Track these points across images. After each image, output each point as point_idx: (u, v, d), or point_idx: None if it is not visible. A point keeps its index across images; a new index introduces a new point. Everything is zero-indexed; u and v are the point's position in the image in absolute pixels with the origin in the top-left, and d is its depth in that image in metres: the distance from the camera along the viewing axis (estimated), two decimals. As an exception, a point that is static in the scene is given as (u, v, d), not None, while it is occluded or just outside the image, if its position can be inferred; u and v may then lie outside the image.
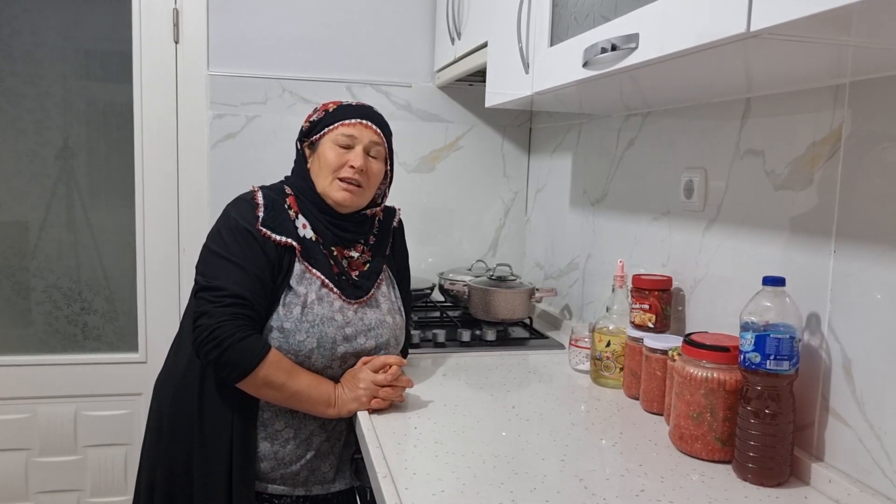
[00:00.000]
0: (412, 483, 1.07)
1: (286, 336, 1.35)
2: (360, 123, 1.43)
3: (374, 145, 1.44)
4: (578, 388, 1.58)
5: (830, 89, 1.13)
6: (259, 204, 1.40)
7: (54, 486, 2.32)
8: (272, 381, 1.31)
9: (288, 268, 1.38)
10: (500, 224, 2.54)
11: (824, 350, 1.13)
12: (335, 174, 1.41)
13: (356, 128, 1.43)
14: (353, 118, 1.43)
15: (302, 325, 1.36)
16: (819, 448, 1.14)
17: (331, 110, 1.45)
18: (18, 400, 2.27)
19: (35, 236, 2.27)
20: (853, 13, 0.71)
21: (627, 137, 1.80)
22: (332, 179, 1.41)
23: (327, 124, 1.43)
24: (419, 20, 2.40)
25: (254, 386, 1.32)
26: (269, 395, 1.34)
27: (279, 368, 1.32)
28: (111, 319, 2.35)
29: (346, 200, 1.42)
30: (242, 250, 1.35)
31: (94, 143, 2.28)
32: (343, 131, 1.42)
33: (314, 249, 1.42)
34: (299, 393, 1.33)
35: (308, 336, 1.36)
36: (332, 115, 1.44)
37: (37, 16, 2.19)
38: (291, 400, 1.35)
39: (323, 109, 1.46)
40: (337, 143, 1.42)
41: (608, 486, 1.07)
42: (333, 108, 1.45)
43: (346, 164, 1.41)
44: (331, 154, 1.41)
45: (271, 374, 1.31)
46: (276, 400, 1.35)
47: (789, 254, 1.21)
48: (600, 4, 1.20)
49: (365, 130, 1.43)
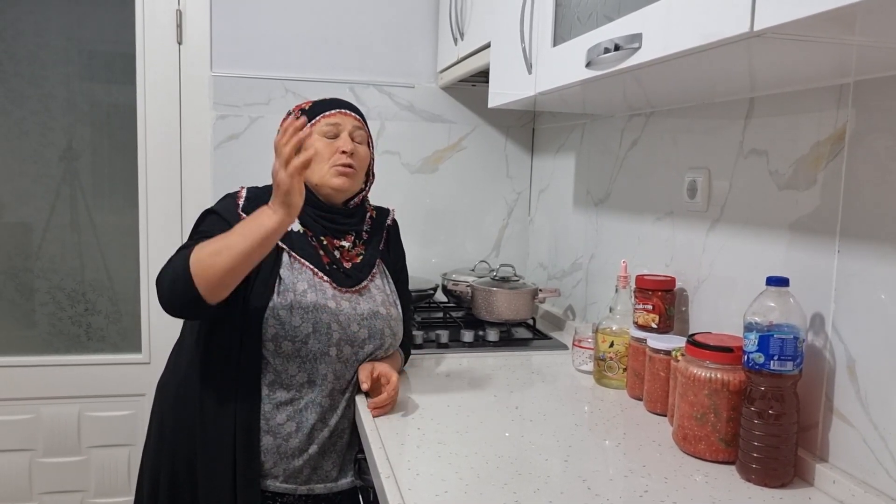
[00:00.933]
0: (415, 483, 1.07)
1: (282, 322, 1.36)
2: (339, 112, 1.49)
3: (356, 129, 1.49)
4: (582, 388, 1.58)
5: (834, 89, 1.13)
6: (242, 196, 1.46)
7: (58, 486, 2.33)
8: (212, 249, 1.21)
9: (275, 259, 1.40)
10: (503, 224, 2.54)
11: (828, 350, 1.13)
12: (328, 163, 1.45)
13: (337, 116, 1.48)
14: (332, 109, 1.48)
15: (297, 311, 1.37)
16: (823, 449, 1.13)
17: (307, 108, 1.50)
18: (22, 401, 2.27)
19: (39, 237, 2.28)
20: (857, 12, 0.70)
21: (631, 137, 1.79)
22: (329, 168, 1.45)
23: (309, 120, 1.47)
24: (422, 21, 2.40)
25: (204, 277, 1.21)
26: (221, 263, 1.20)
27: (206, 245, 1.23)
28: (115, 320, 2.36)
29: (344, 185, 1.46)
30: (212, 226, 1.37)
31: (97, 145, 2.29)
32: (326, 121, 1.46)
33: (302, 241, 1.45)
34: (236, 233, 1.22)
35: (304, 321, 1.37)
36: (312, 111, 1.49)
37: (40, 17, 2.20)
38: (239, 244, 1.20)
39: (299, 109, 1.51)
40: (323, 135, 1.46)
41: (612, 487, 1.07)
42: (308, 105, 1.50)
43: (336, 152, 1.45)
44: (320, 145, 1.45)
45: (204, 248, 1.22)
46: (231, 262, 1.20)
47: (793, 254, 1.21)
48: (603, 4, 1.20)
49: (346, 118, 1.48)
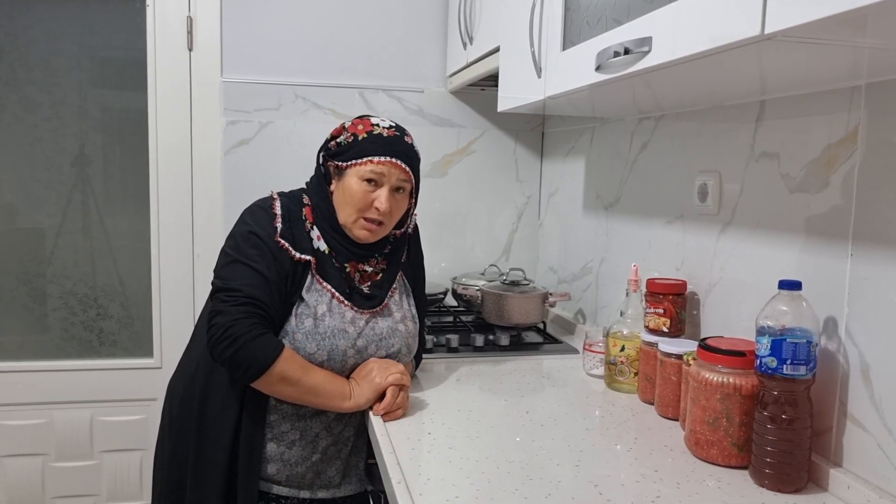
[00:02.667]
0: (426, 489, 1.07)
1: (296, 347, 1.34)
2: (389, 162, 1.36)
3: (401, 182, 1.39)
4: (593, 392, 1.57)
5: (846, 91, 1.12)
6: (277, 214, 1.38)
7: (71, 491, 2.34)
8: (288, 377, 1.30)
9: (301, 279, 1.38)
10: (512, 228, 2.53)
11: (842, 354, 1.12)
12: (360, 213, 1.38)
13: (386, 166, 1.36)
14: (383, 155, 1.36)
15: (313, 337, 1.35)
16: (837, 453, 1.12)
17: (360, 139, 1.38)
18: (35, 405, 2.29)
19: (52, 243, 2.30)
20: (868, 15, 0.70)
21: (641, 141, 1.79)
22: (357, 218, 1.39)
23: (355, 157, 1.37)
24: (431, 25, 2.41)
25: (269, 383, 1.31)
26: (284, 391, 1.32)
27: (294, 364, 1.31)
28: (126, 325, 2.37)
29: (367, 238, 1.41)
30: (258, 255, 1.34)
31: (109, 151, 2.31)
32: (372, 168, 1.36)
33: (327, 262, 1.41)
34: (315, 387, 1.33)
35: (319, 349, 1.36)
36: (362, 148, 1.37)
37: (52, 25, 2.22)
38: (308, 395, 1.33)
39: (352, 132, 1.39)
40: (363, 178, 1.36)
41: (623, 492, 1.07)
42: (363, 136, 1.38)
43: (371, 205, 1.37)
44: (356, 190, 1.37)
45: (287, 369, 1.30)
46: (291, 396, 1.34)
47: (805, 257, 1.20)
48: (612, 8, 1.20)
49: (394, 169, 1.37)
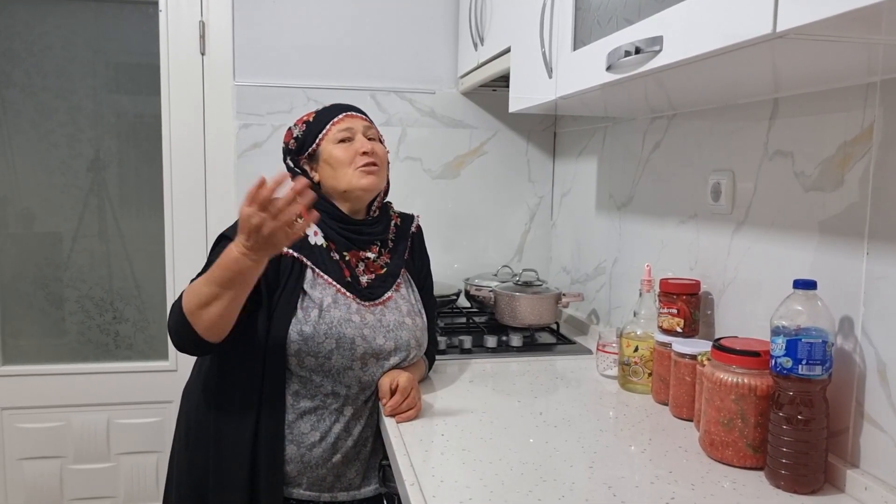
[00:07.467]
0: (439, 491, 1.07)
1: (305, 339, 1.36)
2: (347, 116, 1.49)
3: (368, 129, 1.50)
4: (606, 393, 1.57)
5: (861, 88, 1.11)
6: None
7: (88, 493, 2.36)
8: (201, 300, 1.23)
9: (299, 274, 1.41)
10: (525, 229, 2.53)
11: (858, 354, 1.11)
12: (353, 166, 1.45)
13: (346, 120, 1.48)
14: (338, 114, 1.49)
15: (320, 328, 1.37)
16: (854, 454, 1.11)
17: (312, 120, 1.50)
18: (53, 408, 2.31)
19: (68, 247, 2.32)
20: (882, 11, 0.69)
21: (653, 140, 1.78)
22: (353, 171, 1.45)
23: (318, 130, 1.48)
24: (442, 27, 2.41)
25: (199, 321, 1.25)
26: (213, 312, 1.23)
27: (193, 288, 1.25)
28: (142, 328, 2.39)
29: (373, 183, 1.46)
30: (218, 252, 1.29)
31: (124, 155, 2.33)
32: (338, 127, 1.47)
33: (324, 256, 1.44)
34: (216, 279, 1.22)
35: (327, 338, 1.37)
36: (319, 121, 1.49)
37: (67, 32, 2.24)
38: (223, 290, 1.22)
39: (302, 122, 1.51)
40: (338, 141, 1.46)
41: (638, 494, 1.06)
42: (312, 117, 1.50)
43: (356, 154, 1.45)
44: (338, 152, 1.46)
45: (192, 299, 1.24)
46: (223, 309, 1.23)
47: (820, 256, 1.19)
48: (623, 7, 1.20)
49: (354, 120, 1.49)
